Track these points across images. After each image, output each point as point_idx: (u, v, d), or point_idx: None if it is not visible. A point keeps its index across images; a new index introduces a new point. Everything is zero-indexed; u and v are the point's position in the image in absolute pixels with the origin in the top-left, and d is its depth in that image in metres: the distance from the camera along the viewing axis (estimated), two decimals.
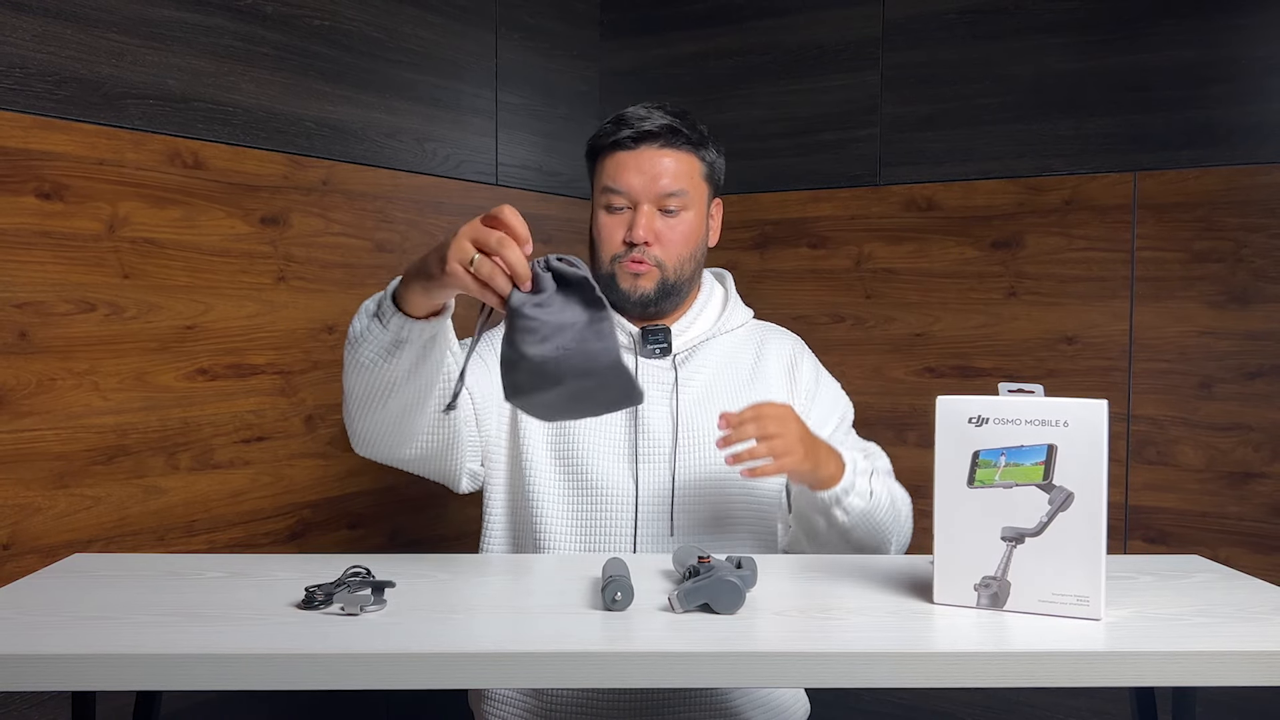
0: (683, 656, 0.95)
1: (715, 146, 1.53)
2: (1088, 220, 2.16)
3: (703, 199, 1.51)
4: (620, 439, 1.45)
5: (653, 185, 1.46)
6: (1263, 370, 2.02)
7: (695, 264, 1.52)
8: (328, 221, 1.96)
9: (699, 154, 1.49)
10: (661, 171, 1.46)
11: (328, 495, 1.99)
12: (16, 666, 0.91)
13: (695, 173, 1.49)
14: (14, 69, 1.50)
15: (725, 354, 1.53)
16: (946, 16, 2.28)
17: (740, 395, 1.49)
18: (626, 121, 1.47)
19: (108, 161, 1.62)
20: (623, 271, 1.47)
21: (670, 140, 1.47)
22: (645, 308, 1.49)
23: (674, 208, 1.47)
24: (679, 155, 1.47)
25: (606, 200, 1.48)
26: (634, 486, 1.43)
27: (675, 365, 1.49)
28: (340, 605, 1.04)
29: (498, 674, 0.96)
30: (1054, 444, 1.04)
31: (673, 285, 1.48)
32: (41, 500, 1.55)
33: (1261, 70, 2.00)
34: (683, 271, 1.49)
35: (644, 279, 1.47)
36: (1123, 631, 1.01)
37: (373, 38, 2.04)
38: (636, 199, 1.46)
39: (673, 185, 1.46)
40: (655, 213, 1.46)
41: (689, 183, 1.48)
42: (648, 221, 1.45)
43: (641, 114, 1.48)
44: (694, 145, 1.49)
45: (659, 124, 1.46)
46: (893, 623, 1.05)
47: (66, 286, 1.58)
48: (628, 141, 1.46)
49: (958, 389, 2.07)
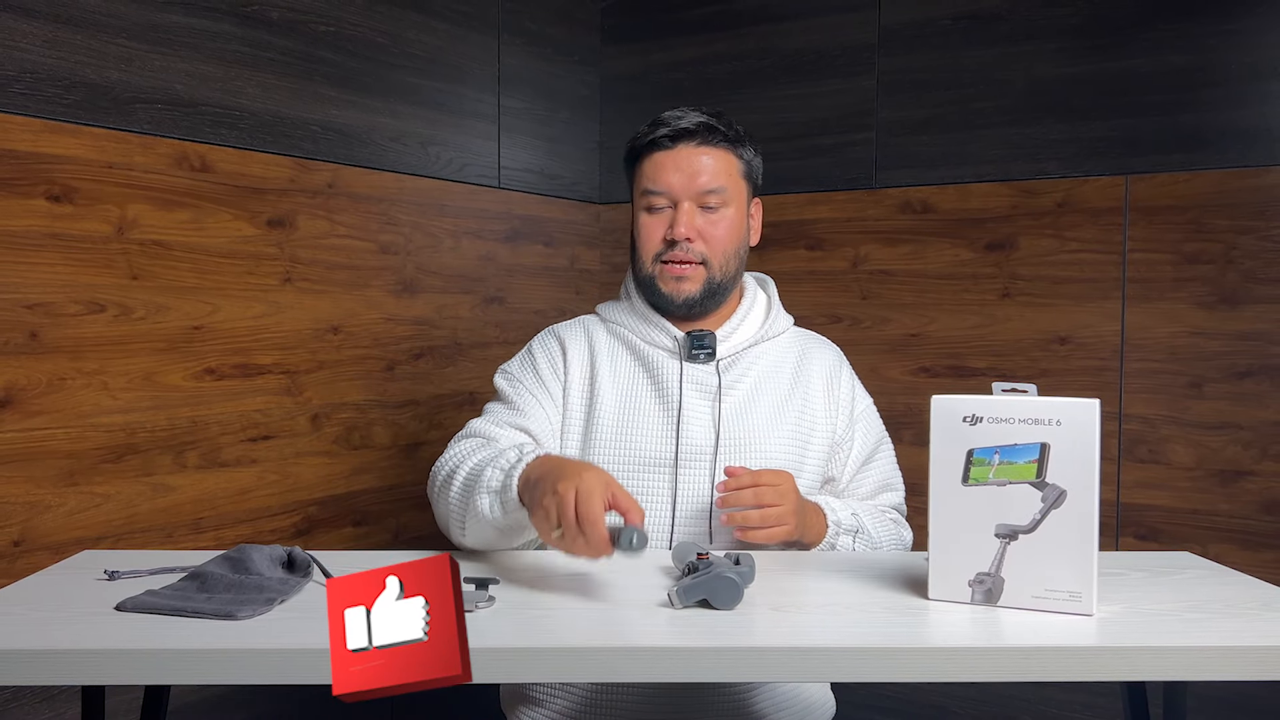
0: (682, 651, 0.95)
1: (752, 145, 1.51)
2: (1080, 223, 2.16)
3: (742, 196, 1.50)
4: (660, 445, 1.44)
5: (692, 183, 1.44)
6: (1252, 370, 2.02)
7: (739, 262, 1.50)
8: (333, 224, 1.96)
9: (736, 151, 1.48)
10: (700, 169, 1.45)
11: (333, 493, 1.99)
12: (28, 661, 0.91)
13: (734, 170, 1.48)
14: (25, 74, 1.50)
15: (769, 362, 1.51)
16: (941, 23, 2.28)
17: (781, 403, 1.48)
18: (663, 121, 1.46)
19: (116, 165, 1.62)
20: (664, 275, 1.46)
21: (707, 138, 1.45)
22: (690, 309, 1.48)
23: (714, 204, 1.46)
24: (716, 153, 1.46)
25: (647, 202, 1.47)
26: (672, 491, 1.42)
27: (719, 371, 1.48)
28: None
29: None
30: (1047, 442, 1.04)
31: (718, 284, 1.47)
32: (52, 498, 1.55)
33: (1250, 75, 2.00)
34: (727, 269, 1.47)
35: (688, 282, 1.46)
36: (1114, 627, 1.01)
37: (377, 43, 2.04)
38: (676, 197, 1.45)
39: (712, 182, 1.45)
40: (696, 209, 1.45)
41: (728, 179, 1.46)
42: (689, 218, 1.44)
43: (678, 114, 1.47)
44: (731, 143, 1.47)
45: (695, 122, 1.45)
46: (888, 618, 1.05)
47: (76, 288, 1.58)
48: (665, 141, 1.45)
49: (952, 388, 2.06)
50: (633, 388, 1.48)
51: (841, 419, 1.51)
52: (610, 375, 1.49)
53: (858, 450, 1.51)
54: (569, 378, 1.50)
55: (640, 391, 1.47)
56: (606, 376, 1.49)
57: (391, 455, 2.10)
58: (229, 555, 1.15)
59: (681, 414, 1.44)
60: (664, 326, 1.49)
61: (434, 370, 2.19)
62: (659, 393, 1.47)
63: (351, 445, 2.02)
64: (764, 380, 1.50)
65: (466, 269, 2.25)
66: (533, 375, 1.50)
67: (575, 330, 1.55)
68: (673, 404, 1.45)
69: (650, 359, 1.49)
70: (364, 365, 2.04)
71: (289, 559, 1.17)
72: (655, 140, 1.46)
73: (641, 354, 1.50)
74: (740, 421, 1.45)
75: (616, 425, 1.45)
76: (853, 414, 1.52)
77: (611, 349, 1.52)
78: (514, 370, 1.53)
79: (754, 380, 1.49)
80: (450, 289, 2.22)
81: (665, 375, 1.47)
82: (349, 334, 2.00)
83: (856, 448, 1.51)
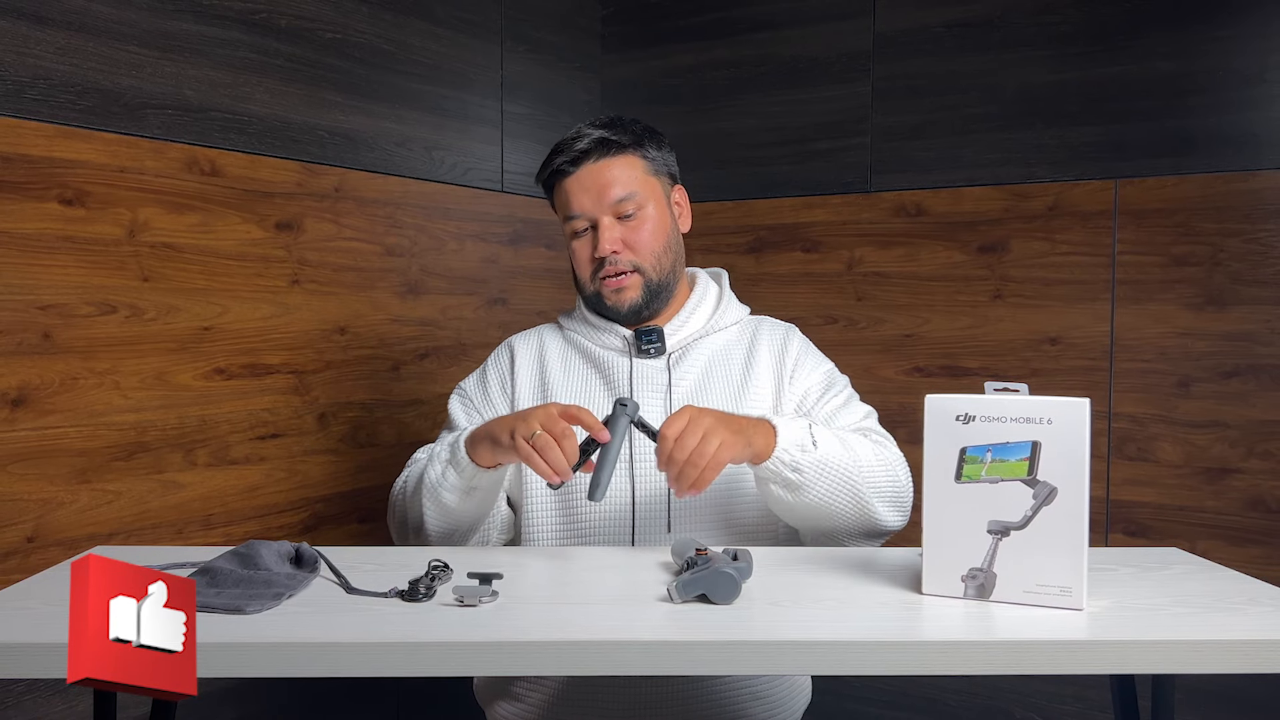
0: (682, 645, 0.95)
1: (653, 141, 1.50)
2: (1070, 226, 2.16)
3: (657, 192, 1.49)
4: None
5: (602, 198, 1.44)
6: (1239, 370, 2.02)
7: (673, 255, 1.49)
8: (339, 227, 1.96)
9: (639, 153, 1.47)
10: (607, 182, 1.44)
11: (339, 490, 1.99)
12: (42, 655, 0.91)
13: (639, 171, 1.47)
14: (39, 80, 1.50)
15: (717, 351, 1.51)
16: (935, 30, 2.28)
17: (735, 392, 1.47)
18: (560, 149, 1.47)
19: (128, 169, 1.62)
20: (606, 290, 1.47)
21: (604, 151, 1.45)
22: (639, 314, 1.48)
23: (630, 210, 1.45)
24: (618, 161, 1.46)
25: (570, 228, 1.48)
26: (630, 485, 1.42)
27: (669, 365, 1.48)
28: (459, 597, 1.04)
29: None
30: (1038, 441, 1.04)
31: (658, 284, 1.47)
32: (64, 495, 1.56)
33: (1237, 81, 2.00)
34: (662, 267, 1.47)
35: (628, 290, 1.46)
36: (1104, 621, 1.01)
37: (383, 50, 2.04)
38: (593, 216, 1.45)
39: (620, 191, 1.45)
40: (615, 222, 1.45)
41: (637, 183, 1.46)
42: (609, 234, 1.44)
43: (573, 136, 1.47)
44: (630, 147, 1.47)
45: (590, 140, 1.45)
46: (883, 613, 1.05)
47: (88, 289, 1.58)
48: (567, 167, 1.46)
49: (946, 388, 2.06)
50: (585, 388, 1.48)
51: (786, 379, 1.48)
52: (563, 378, 1.50)
53: (813, 388, 1.47)
54: (516, 389, 1.51)
55: (593, 392, 1.48)
56: (559, 380, 1.50)
57: (397, 453, 2.10)
58: (238, 551, 1.15)
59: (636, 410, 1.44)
60: (613, 329, 1.50)
61: (438, 370, 2.19)
62: (610, 389, 1.47)
63: (358, 444, 2.02)
64: (713, 369, 1.49)
65: (470, 271, 2.25)
66: (483, 395, 1.53)
67: (530, 339, 1.57)
68: None
69: (601, 360, 1.49)
70: (370, 365, 2.04)
71: (297, 555, 1.17)
72: (558, 169, 1.46)
73: (593, 356, 1.50)
74: None
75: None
76: (795, 369, 1.48)
77: (564, 354, 1.53)
78: (468, 389, 1.55)
79: (703, 369, 1.48)
80: (454, 290, 2.22)
81: (616, 373, 1.47)
82: (355, 334, 2.00)
83: (810, 386, 1.47)
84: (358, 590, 1.09)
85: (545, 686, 1.39)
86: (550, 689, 1.38)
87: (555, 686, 1.38)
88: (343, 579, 1.12)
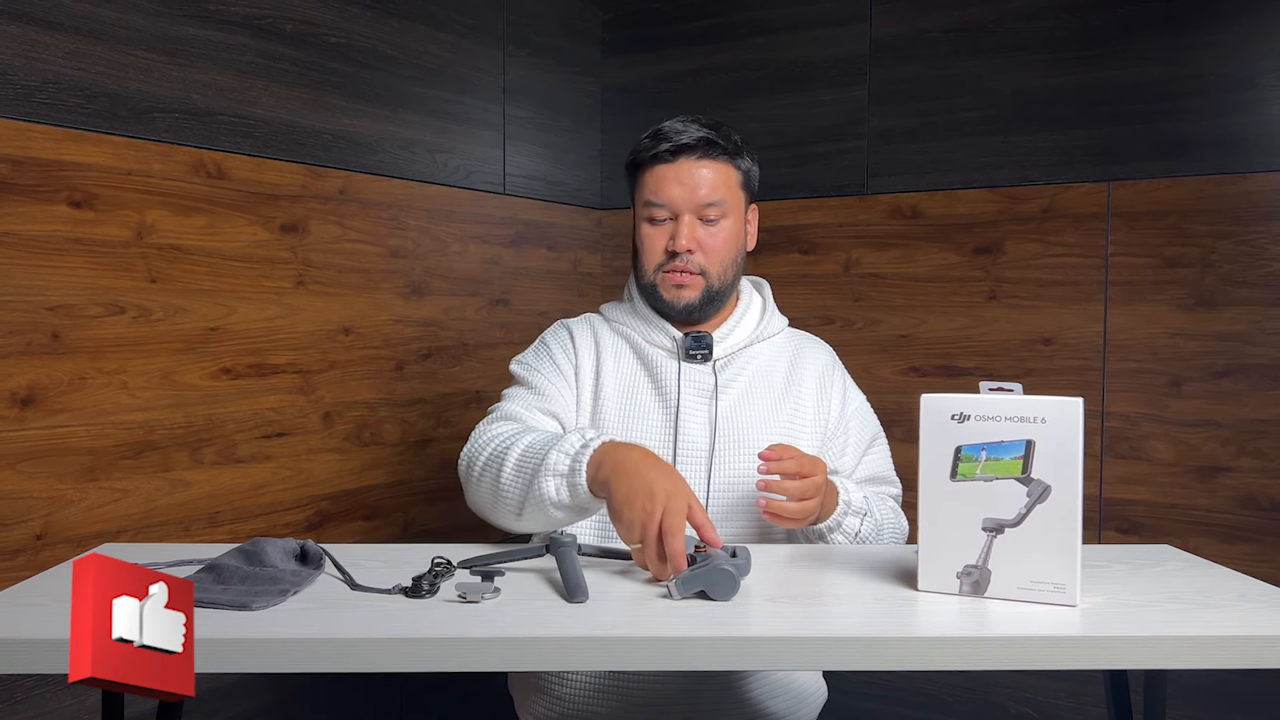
0: (682, 640, 0.96)
1: (750, 155, 1.51)
2: (1064, 228, 2.16)
3: (740, 206, 1.50)
4: (660, 442, 1.44)
5: (692, 196, 1.44)
6: (1230, 369, 2.02)
7: (736, 269, 1.51)
8: (344, 229, 1.96)
9: (735, 163, 1.48)
10: (700, 182, 1.45)
11: (344, 488, 1.99)
12: (51, 650, 0.91)
13: (732, 181, 1.48)
14: (47, 84, 1.50)
15: (763, 361, 1.51)
16: (930, 35, 2.28)
17: (775, 402, 1.48)
18: (664, 135, 1.46)
19: (135, 172, 1.62)
20: (665, 282, 1.47)
21: (707, 151, 1.45)
22: (690, 314, 1.48)
23: (714, 216, 1.46)
24: (716, 165, 1.46)
25: (649, 213, 1.47)
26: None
27: (715, 371, 1.48)
28: (462, 593, 1.04)
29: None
30: (1032, 439, 1.04)
31: (717, 292, 1.48)
32: (73, 493, 1.56)
33: (1229, 85, 2.00)
34: (725, 277, 1.48)
35: (688, 290, 1.46)
36: (1097, 617, 1.01)
37: (387, 54, 2.04)
38: (677, 210, 1.45)
39: (711, 195, 1.45)
40: (696, 222, 1.46)
41: (727, 192, 1.46)
42: (690, 231, 1.45)
43: (678, 128, 1.46)
44: (730, 155, 1.47)
45: (695, 136, 1.45)
46: (879, 609, 1.05)
47: (97, 290, 1.58)
48: (666, 155, 1.45)
49: (941, 388, 2.06)
50: (634, 384, 1.48)
51: (833, 415, 1.51)
52: (614, 370, 1.49)
53: (854, 442, 1.51)
54: (579, 364, 1.50)
55: (641, 388, 1.48)
56: (610, 371, 1.49)
57: (400, 452, 2.10)
58: (244, 548, 1.16)
59: (680, 412, 1.44)
60: (664, 327, 1.50)
61: (441, 370, 2.19)
62: (658, 391, 1.47)
63: (362, 442, 2.02)
64: (758, 379, 1.50)
65: (473, 272, 2.26)
66: (549, 362, 1.50)
67: (582, 326, 1.56)
68: (671, 402, 1.45)
69: (650, 358, 1.49)
70: (374, 365, 2.04)
71: (302, 552, 1.17)
72: (657, 154, 1.46)
73: (642, 352, 1.50)
74: (735, 419, 1.45)
75: (619, 419, 1.46)
76: (844, 410, 1.52)
77: (615, 345, 1.52)
78: (530, 360, 1.53)
79: (748, 379, 1.49)
80: (457, 291, 2.22)
81: (664, 374, 1.47)
82: (359, 335, 2.00)
83: (853, 439, 1.51)
84: (362, 587, 1.09)
85: (571, 680, 1.39)
86: (576, 682, 1.39)
87: (586, 680, 1.38)
88: (347, 576, 1.12)
